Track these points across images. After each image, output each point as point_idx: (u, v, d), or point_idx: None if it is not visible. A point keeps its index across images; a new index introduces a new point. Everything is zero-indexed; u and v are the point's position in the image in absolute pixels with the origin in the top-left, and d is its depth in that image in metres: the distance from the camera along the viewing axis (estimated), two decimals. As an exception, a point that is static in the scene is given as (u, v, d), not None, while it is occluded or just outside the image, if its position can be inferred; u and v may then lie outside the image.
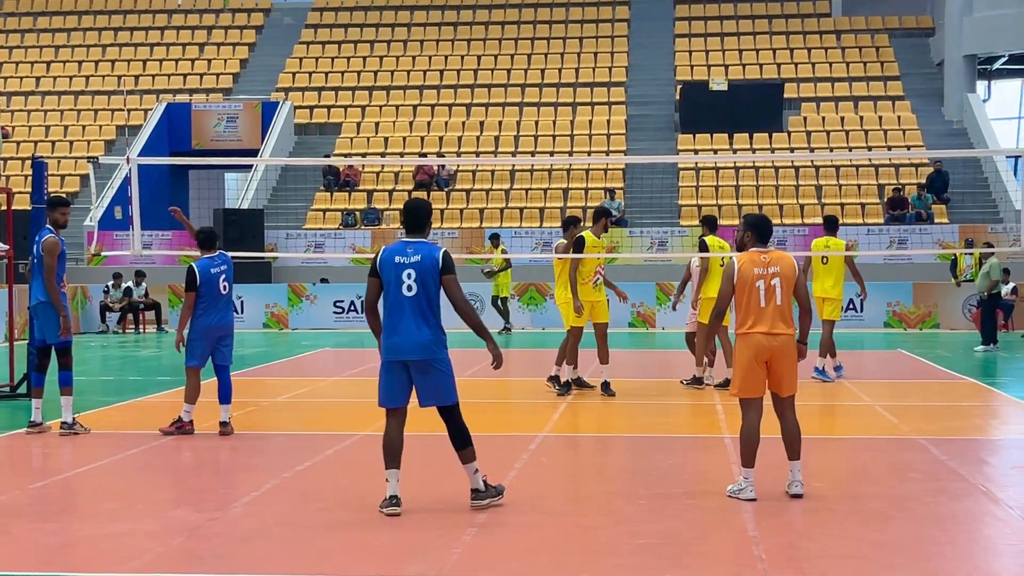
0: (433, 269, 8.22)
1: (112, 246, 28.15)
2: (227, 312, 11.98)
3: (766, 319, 8.66)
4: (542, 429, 12.46)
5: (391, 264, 8.27)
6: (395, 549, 7.52)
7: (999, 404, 14.84)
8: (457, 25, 43.37)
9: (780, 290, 8.68)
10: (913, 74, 39.63)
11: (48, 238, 11.66)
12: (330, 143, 37.19)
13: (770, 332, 8.64)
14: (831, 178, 34.06)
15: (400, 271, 8.23)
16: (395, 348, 8.28)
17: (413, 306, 8.22)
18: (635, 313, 27.97)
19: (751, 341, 8.69)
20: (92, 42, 43.76)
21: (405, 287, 8.21)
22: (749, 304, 8.70)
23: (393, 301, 8.27)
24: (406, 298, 8.22)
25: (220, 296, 11.82)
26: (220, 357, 11.97)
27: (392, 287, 8.26)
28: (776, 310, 8.68)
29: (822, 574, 6.91)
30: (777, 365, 8.69)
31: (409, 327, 8.21)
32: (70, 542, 7.80)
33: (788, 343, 8.69)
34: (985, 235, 29.39)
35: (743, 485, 8.73)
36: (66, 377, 11.83)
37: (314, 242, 32.30)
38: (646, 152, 35.02)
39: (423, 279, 8.21)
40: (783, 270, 8.74)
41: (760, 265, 8.74)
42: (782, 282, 8.70)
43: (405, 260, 8.25)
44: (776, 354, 8.65)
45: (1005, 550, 7.52)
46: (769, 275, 8.71)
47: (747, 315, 8.71)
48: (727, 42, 41.45)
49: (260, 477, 9.82)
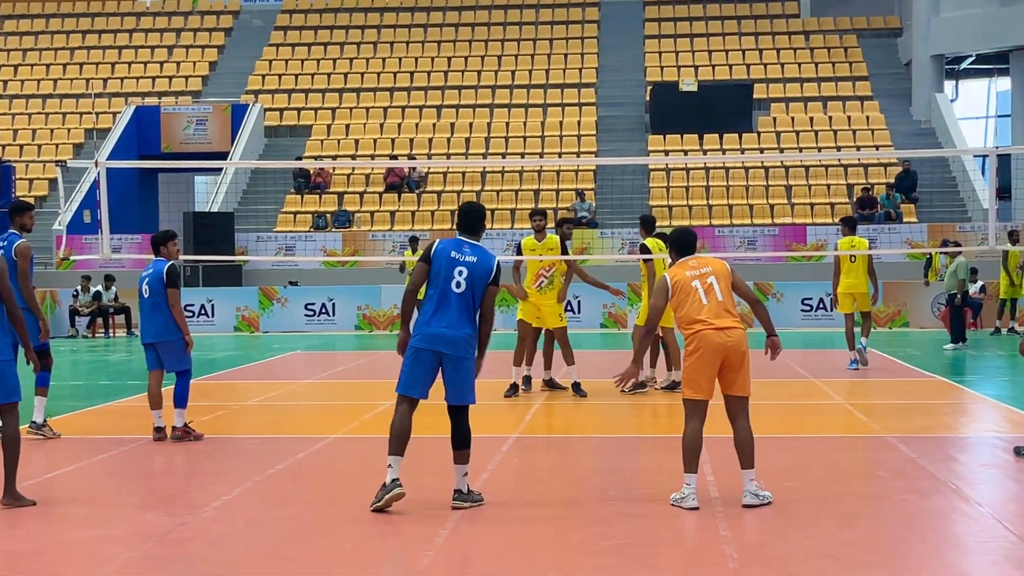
0: (486, 275, 8.47)
1: (81, 250, 28.00)
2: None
3: (711, 315, 8.53)
4: (514, 430, 12.46)
5: (446, 257, 8.47)
6: (367, 552, 7.50)
7: (968, 402, 14.92)
8: (427, 27, 43.35)
9: (718, 287, 8.63)
10: (881, 74, 39.85)
11: (21, 243, 11.55)
12: (300, 145, 37.09)
13: (720, 327, 8.50)
14: (801, 178, 34.20)
15: (453, 266, 8.43)
16: (435, 338, 8.40)
17: (460, 303, 8.41)
18: (606, 314, 28.03)
19: (703, 339, 8.50)
20: (60, 45, 43.52)
21: (455, 283, 8.41)
22: (691, 306, 8.59)
23: (440, 293, 8.43)
24: (454, 294, 8.41)
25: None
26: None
27: (441, 279, 8.43)
28: (719, 305, 8.58)
29: (792, 573, 6.93)
30: (731, 362, 8.52)
31: (453, 321, 8.39)
32: (39, 548, 7.75)
33: (741, 338, 8.54)
34: (953, 234, 29.56)
35: (686, 493, 8.48)
36: (44, 378, 11.85)
37: (285, 245, 32.20)
38: (616, 153, 35.07)
39: (473, 280, 8.43)
40: (715, 269, 8.72)
41: (691, 269, 8.73)
42: (718, 279, 8.66)
43: (460, 257, 8.47)
44: (731, 352, 8.49)
45: (975, 547, 7.56)
46: (703, 275, 8.67)
47: (692, 317, 8.56)
48: (697, 43, 41.57)
49: (231, 481, 9.77)
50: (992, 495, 9.10)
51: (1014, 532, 7.76)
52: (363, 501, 8.65)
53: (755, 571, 6.92)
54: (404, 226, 32.86)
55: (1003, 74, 44.36)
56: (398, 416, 8.51)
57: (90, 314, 28.12)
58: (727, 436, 8.47)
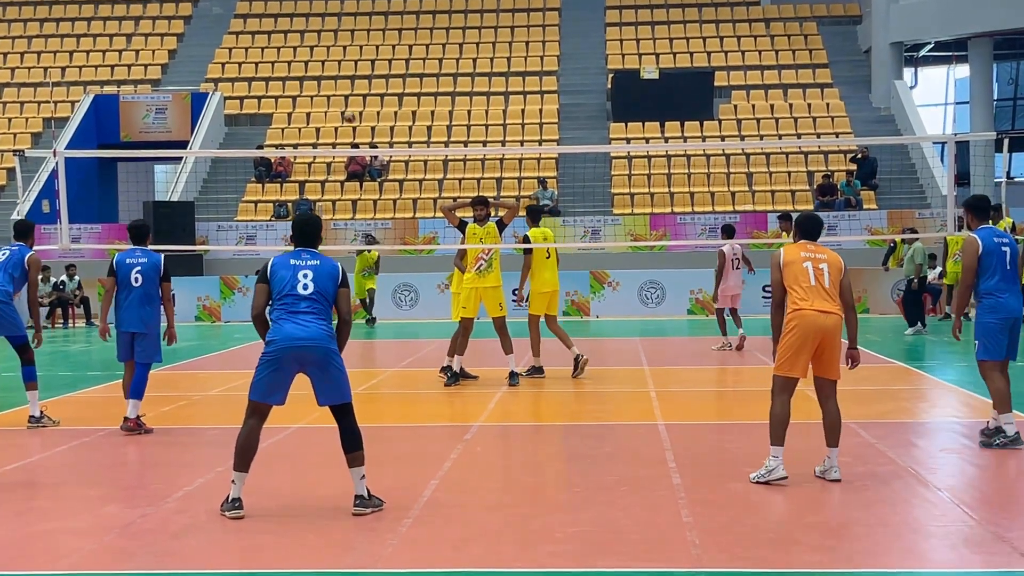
0: (333, 275, 8.29)
1: (40, 240, 27.70)
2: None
3: (815, 297, 8.80)
4: (477, 419, 12.47)
5: (286, 266, 8.25)
6: (330, 542, 7.49)
7: (928, 387, 15.05)
8: (388, 15, 43.22)
9: (828, 274, 8.88)
10: (841, 61, 40.04)
11: (32, 254, 12.48)
12: (261, 134, 36.92)
13: (822, 311, 8.76)
14: (761, 165, 34.34)
15: (296, 272, 8.21)
16: (292, 342, 8.13)
17: (310, 305, 8.18)
18: (569, 301, 28.07)
19: (803, 318, 8.77)
20: (18, 33, 43.13)
21: (301, 285, 8.16)
22: (798, 282, 8.85)
23: (290, 300, 8.19)
24: (303, 296, 8.16)
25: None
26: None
27: (287, 287, 8.17)
28: (824, 290, 8.84)
29: (754, 558, 6.97)
30: (827, 345, 8.82)
31: (307, 321, 8.14)
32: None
33: (839, 324, 8.83)
34: (913, 220, 29.76)
35: (773, 465, 8.80)
36: (30, 372, 12.26)
37: (246, 234, 32.06)
38: (578, 141, 35.11)
39: (319, 281, 8.20)
40: (830, 258, 8.98)
41: (807, 251, 9.00)
42: (830, 267, 8.92)
43: (302, 263, 8.24)
44: (828, 335, 8.78)
45: (934, 531, 7.62)
46: (816, 259, 8.93)
47: (797, 296, 8.83)
48: (658, 31, 41.64)
49: (193, 472, 9.74)
50: (951, 480, 9.19)
51: (973, 516, 7.84)
52: (326, 492, 8.65)
53: (716, 557, 6.96)
54: (366, 215, 32.77)
55: (961, 61, 44.76)
56: (247, 430, 8.23)
57: (49, 304, 27.92)
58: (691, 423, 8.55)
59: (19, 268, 12.34)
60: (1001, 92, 48.57)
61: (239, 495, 8.10)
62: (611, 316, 27.76)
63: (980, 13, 36.95)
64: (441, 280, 28.31)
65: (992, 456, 9.96)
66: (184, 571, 6.99)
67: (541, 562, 6.95)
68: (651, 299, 28.42)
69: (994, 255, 10.36)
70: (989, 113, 41.42)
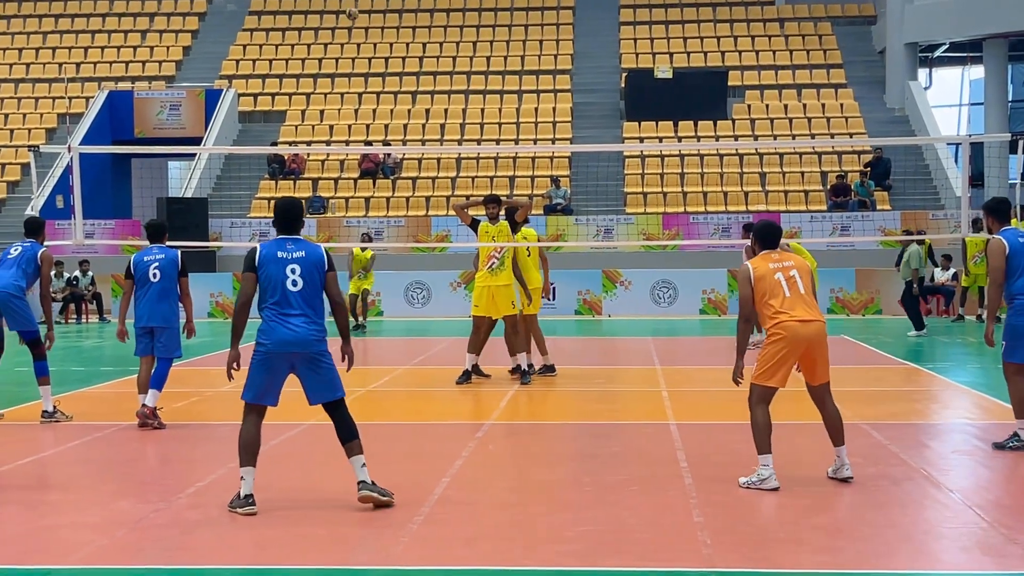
0: (320, 264, 8.27)
1: (53, 236, 27.81)
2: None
3: (793, 306, 8.72)
4: (489, 417, 12.48)
5: (273, 260, 8.23)
6: (341, 538, 7.50)
7: (939, 388, 15.01)
8: (402, 12, 43.22)
9: (799, 280, 8.81)
10: (855, 62, 39.94)
11: (44, 251, 12.59)
12: (274, 131, 36.95)
13: (803, 320, 8.68)
14: (775, 165, 34.28)
15: (283, 266, 8.19)
16: (284, 342, 8.30)
17: (301, 301, 8.23)
18: (581, 300, 28.07)
19: (786, 329, 8.68)
20: (33, 29, 43.22)
21: (290, 282, 8.18)
22: (773, 295, 8.76)
23: (280, 297, 8.23)
24: (293, 293, 8.19)
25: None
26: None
27: (275, 283, 8.21)
28: (801, 297, 8.77)
29: (765, 558, 6.97)
30: (813, 353, 8.78)
31: (299, 320, 8.23)
32: (11, 535, 7.71)
33: (822, 330, 8.76)
34: (926, 222, 29.72)
35: (765, 475, 8.69)
36: (42, 367, 12.29)
37: (259, 231, 32.06)
38: (592, 140, 35.08)
39: (308, 274, 8.20)
40: (797, 263, 8.91)
41: (773, 261, 8.89)
42: (800, 273, 8.85)
43: (288, 255, 8.22)
44: (812, 343, 8.72)
45: (945, 533, 7.61)
46: (785, 268, 8.84)
47: (775, 308, 8.73)
48: (672, 30, 41.58)
49: (205, 468, 9.77)
50: (963, 481, 9.17)
51: (984, 518, 7.82)
52: (337, 488, 8.66)
53: (727, 556, 6.96)
54: (379, 212, 32.79)
55: (976, 62, 44.58)
56: (248, 426, 8.28)
57: (63, 300, 28.00)
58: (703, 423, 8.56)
59: (32, 264, 12.44)
60: (1016, 93, 48.38)
61: (251, 491, 8.11)
62: (623, 315, 27.74)
63: (995, 14, 36.82)
64: (453, 278, 28.36)
65: (1005, 459, 9.93)
66: (196, 566, 7.01)
67: (550, 560, 6.96)
68: (663, 298, 28.39)
69: (1021, 255, 10.28)
70: (1004, 114, 41.27)
